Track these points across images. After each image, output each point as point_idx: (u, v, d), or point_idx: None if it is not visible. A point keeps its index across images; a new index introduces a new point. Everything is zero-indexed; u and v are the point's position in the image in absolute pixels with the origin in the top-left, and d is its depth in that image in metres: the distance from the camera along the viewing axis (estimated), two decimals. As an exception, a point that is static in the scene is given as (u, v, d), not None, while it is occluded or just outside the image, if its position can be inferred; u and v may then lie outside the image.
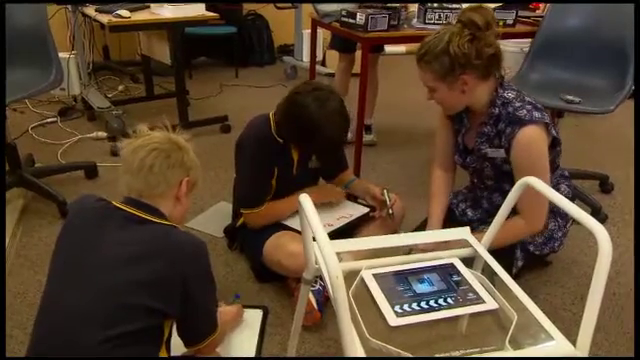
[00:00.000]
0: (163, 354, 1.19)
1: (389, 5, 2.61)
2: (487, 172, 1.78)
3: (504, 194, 1.75)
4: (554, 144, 1.69)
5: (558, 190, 1.80)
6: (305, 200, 1.02)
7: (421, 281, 1.14)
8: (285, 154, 1.88)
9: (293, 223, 1.87)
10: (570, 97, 2.33)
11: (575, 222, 1.01)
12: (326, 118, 1.69)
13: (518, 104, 1.62)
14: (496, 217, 1.23)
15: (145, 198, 1.24)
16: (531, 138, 1.58)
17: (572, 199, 1.86)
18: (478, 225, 1.87)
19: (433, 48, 1.58)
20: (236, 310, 1.66)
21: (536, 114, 1.59)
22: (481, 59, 1.56)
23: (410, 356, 0.94)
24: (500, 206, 1.23)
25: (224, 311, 1.60)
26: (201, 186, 1.41)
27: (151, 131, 1.31)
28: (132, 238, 1.16)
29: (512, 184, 1.65)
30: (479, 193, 1.90)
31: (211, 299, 1.29)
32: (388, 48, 5.48)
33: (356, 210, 1.99)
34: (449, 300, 1.08)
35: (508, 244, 1.69)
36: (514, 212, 1.42)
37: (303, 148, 1.87)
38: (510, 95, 1.65)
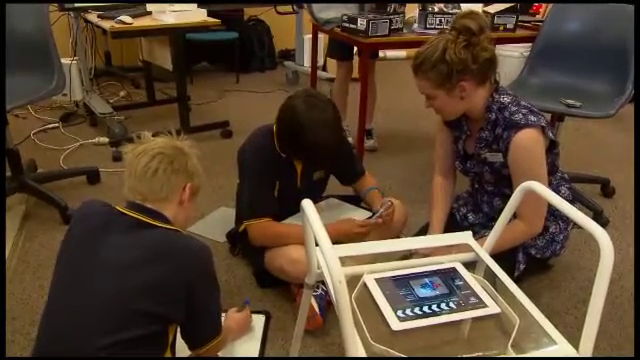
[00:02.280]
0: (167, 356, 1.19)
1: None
2: (487, 177, 1.78)
3: (504, 198, 1.77)
4: (552, 146, 1.70)
5: (558, 193, 1.81)
6: (307, 205, 1.03)
7: (423, 285, 1.15)
8: (287, 166, 1.86)
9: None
10: (571, 101, 2.33)
11: (576, 225, 1.01)
12: (311, 121, 1.66)
13: (514, 108, 1.63)
14: (498, 221, 1.23)
15: (149, 202, 1.24)
16: (528, 142, 1.59)
17: (572, 201, 1.86)
18: (479, 229, 1.88)
19: (429, 57, 1.59)
20: (244, 317, 1.65)
21: (532, 118, 1.60)
22: (477, 64, 1.57)
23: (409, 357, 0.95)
24: (501, 210, 1.23)
25: (231, 317, 1.60)
26: (202, 191, 1.42)
27: (155, 137, 1.32)
28: (135, 243, 1.16)
29: (512, 188, 1.66)
30: (480, 197, 1.90)
31: (215, 303, 1.29)
32: (389, 53, 5.50)
33: (359, 215, 1.99)
34: (451, 304, 1.09)
35: (508, 247, 1.69)
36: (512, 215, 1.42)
37: (290, 152, 1.80)
38: (506, 100, 1.66)
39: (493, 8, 2.74)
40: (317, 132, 1.66)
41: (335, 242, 1.16)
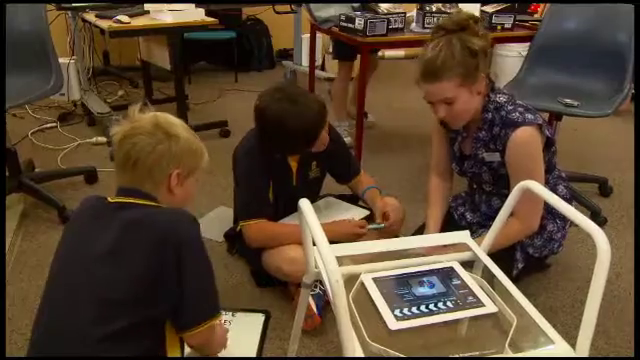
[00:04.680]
0: (176, 349, 1.17)
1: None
2: (485, 177, 1.78)
3: (502, 198, 1.76)
4: (548, 144, 1.71)
5: (555, 191, 1.81)
6: (304, 204, 1.03)
7: (421, 285, 1.15)
8: (282, 166, 1.87)
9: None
10: (568, 100, 2.34)
11: (574, 224, 1.01)
12: (284, 113, 1.68)
13: (510, 107, 1.63)
14: (495, 221, 1.23)
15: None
16: (525, 139, 1.60)
17: (570, 200, 1.87)
18: (477, 228, 1.88)
19: (449, 58, 1.53)
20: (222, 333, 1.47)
21: (529, 116, 1.60)
22: (485, 54, 1.58)
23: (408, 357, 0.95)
24: (498, 209, 1.23)
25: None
26: (200, 191, 1.38)
27: (140, 114, 1.21)
28: (116, 228, 1.12)
29: (509, 187, 1.66)
30: (478, 197, 1.90)
31: (208, 275, 1.19)
32: (387, 52, 5.50)
33: (357, 213, 1.99)
34: (449, 304, 1.09)
35: (503, 246, 1.69)
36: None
37: (277, 149, 1.82)
38: (502, 99, 1.66)
39: (491, 7, 2.74)
40: (292, 122, 1.67)
41: (332, 242, 1.16)
